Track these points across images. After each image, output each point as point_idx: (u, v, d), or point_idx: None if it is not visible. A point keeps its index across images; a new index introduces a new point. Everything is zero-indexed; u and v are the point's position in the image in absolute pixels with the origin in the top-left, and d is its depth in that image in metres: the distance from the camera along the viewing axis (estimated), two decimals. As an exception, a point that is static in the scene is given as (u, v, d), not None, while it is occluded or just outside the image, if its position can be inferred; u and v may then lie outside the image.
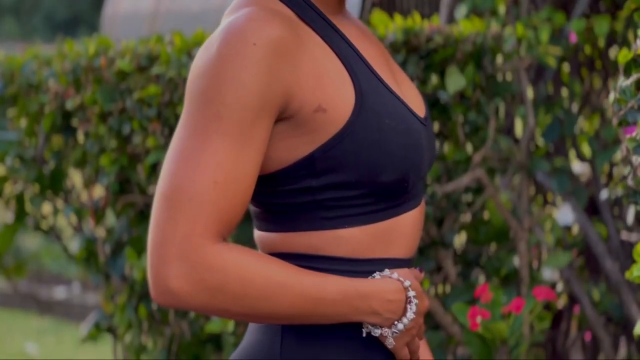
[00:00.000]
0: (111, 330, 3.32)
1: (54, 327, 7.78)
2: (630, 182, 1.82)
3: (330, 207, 1.51)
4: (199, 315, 2.93)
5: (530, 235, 2.94)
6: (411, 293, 1.53)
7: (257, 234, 1.60)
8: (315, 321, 1.48)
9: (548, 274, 3.04)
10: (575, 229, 3.50)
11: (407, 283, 1.53)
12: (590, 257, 3.45)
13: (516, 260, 2.95)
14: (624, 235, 3.20)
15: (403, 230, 1.58)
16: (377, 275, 1.54)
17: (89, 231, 3.25)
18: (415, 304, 1.53)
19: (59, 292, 8.35)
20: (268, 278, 1.42)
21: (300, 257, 1.54)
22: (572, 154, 3.32)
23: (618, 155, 3.17)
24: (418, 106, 1.66)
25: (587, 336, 3.78)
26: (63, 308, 8.03)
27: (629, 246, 3.25)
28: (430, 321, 3.00)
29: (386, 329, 1.52)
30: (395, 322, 1.52)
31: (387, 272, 1.54)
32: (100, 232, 3.21)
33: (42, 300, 8.31)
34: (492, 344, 2.29)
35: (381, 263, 1.56)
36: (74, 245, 3.25)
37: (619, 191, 2.08)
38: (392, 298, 1.51)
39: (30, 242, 9.08)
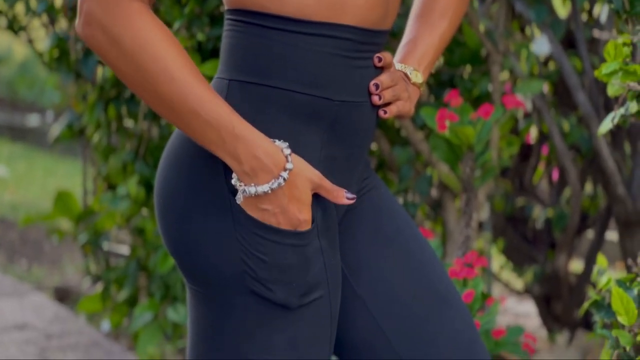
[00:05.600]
0: (82, 132, 3.32)
1: (26, 153, 7.80)
2: (607, -21, 1.80)
3: None
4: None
5: (504, 59, 2.92)
6: (284, 173, 1.47)
7: None
8: (183, 128, 1.47)
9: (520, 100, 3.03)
10: (551, 65, 3.49)
11: (289, 165, 1.48)
12: (564, 90, 3.45)
13: (490, 87, 2.94)
14: (596, 33, 3.18)
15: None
16: (278, 142, 1.49)
17: (61, 31, 3.21)
18: (279, 185, 1.47)
19: (32, 120, 8.33)
20: (161, 59, 1.43)
21: (250, 14, 1.53)
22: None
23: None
24: None
25: (555, 175, 3.82)
26: (35, 136, 8.03)
27: (602, 82, 3.25)
28: (399, 138, 3.01)
29: (241, 183, 1.49)
30: (251, 184, 1.48)
31: (283, 143, 1.49)
32: (73, 31, 3.16)
33: (15, 127, 8.29)
34: (459, 149, 2.29)
35: (332, 28, 1.53)
36: (45, 44, 3.21)
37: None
38: (260, 156, 1.46)
39: (4, 70, 9.00)
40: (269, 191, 1.48)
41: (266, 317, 1.54)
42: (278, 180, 1.48)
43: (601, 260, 1.84)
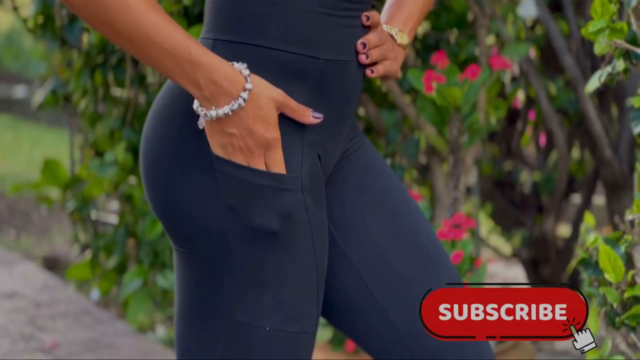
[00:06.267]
0: (68, 99, 3.30)
1: (12, 124, 7.77)
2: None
3: None
4: (157, 85, 2.92)
5: (491, 23, 2.92)
6: (244, 94, 1.47)
7: None
8: (140, 57, 1.48)
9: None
10: (538, 29, 3.49)
11: (248, 85, 1.48)
12: (550, 54, 3.45)
13: (477, 51, 2.94)
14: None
15: None
16: (237, 64, 1.49)
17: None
18: (239, 105, 1.47)
19: (19, 91, 8.30)
20: None
21: None
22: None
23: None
24: None
25: (542, 139, 3.83)
26: (22, 107, 8.00)
27: (588, 45, 3.25)
28: (386, 101, 3.00)
29: (203, 109, 1.49)
30: (212, 108, 1.47)
31: (241, 65, 1.49)
32: (58, -3, 3.14)
33: (1, 98, 8.26)
34: (446, 111, 2.28)
35: None
36: (30, 10, 3.19)
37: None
38: (218, 80, 1.46)
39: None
40: (230, 113, 1.48)
41: (250, 276, 1.54)
42: (238, 101, 1.47)
43: (588, 218, 1.85)
